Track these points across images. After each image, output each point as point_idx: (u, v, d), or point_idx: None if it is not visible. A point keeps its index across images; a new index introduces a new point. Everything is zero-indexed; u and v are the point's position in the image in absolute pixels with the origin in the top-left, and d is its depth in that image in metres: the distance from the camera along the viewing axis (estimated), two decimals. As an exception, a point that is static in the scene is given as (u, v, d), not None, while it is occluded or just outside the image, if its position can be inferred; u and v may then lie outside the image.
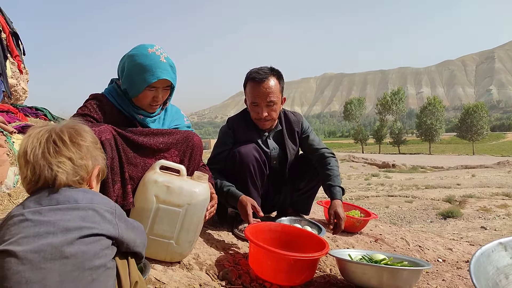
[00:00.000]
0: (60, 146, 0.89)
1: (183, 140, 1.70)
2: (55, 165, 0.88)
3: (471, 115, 56.02)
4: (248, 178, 2.08)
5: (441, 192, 10.80)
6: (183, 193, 1.50)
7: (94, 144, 0.99)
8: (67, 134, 0.92)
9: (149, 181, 1.50)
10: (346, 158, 28.52)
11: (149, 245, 1.50)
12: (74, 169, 0.91)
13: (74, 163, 0.91)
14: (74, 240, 0.80)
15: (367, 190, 12.28)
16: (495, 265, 1.25)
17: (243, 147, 2.09)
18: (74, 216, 0.84)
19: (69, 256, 0.78)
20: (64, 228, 0.80)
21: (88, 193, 0.93)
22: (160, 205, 1.49)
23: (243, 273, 1.67)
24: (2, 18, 4.62)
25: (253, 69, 2.16)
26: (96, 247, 0.83)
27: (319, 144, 2.37)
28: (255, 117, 2.16)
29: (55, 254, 0.77)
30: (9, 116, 4.02)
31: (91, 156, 0.96)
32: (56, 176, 0.87)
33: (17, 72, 5.32)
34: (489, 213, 7.66)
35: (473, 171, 19.36)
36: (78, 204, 0.87)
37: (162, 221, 1.50)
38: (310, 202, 2.54)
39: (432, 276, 1.94)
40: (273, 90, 2.07)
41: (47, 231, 0.79)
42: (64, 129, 0.94)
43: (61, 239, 0.79)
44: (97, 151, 1.00)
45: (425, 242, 2.63)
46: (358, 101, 71.08)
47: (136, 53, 1.58)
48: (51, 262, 0.76)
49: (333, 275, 1.83)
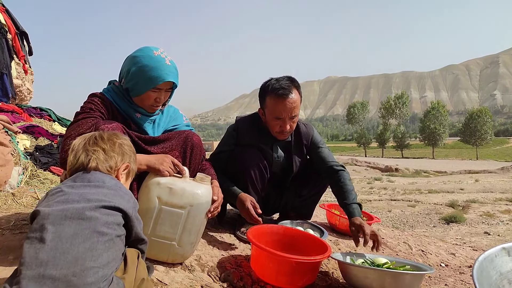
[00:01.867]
0: (98, 140, 1.15)
1: (183, 141, 1.71)
2: (90, 152, 1.12)
3: (475, 120, 55.75)
4: (249, 182, 2.08)
5: (444, 197, 10.76)
6: (185, 194, 1.51)
7: (128, 147, 1.24)
8: (106, 133, 1.19)
9: (152, 183, 1.51)
10: (348, 162, 28.45)
11: (151, 247, 1.50)
12: (105, 158, 1.13)
13: (106, 153, 1.14)
14: (93, 208, 0.97)
15: (369, 194, 12.25)
16: (498, 270, 1.24)
17: (245, 152, 2.09)
18: (98, 192, 1.03)
19: (85, 218, 0.95)
20: (87, 199, 0.99)
21: (115, 180, 1.13)
22: (163, 206, 1.49)
23: (244, 275, 1.67)
24: (8, 19, 4.67)
25: (271, 80, 2.09)
26: (109, 218, 0.99)
27: (327, 157, 2.30)
28: (277, 130, 2.11)
29: (74, 214, 0.94)
30: (13, 116, 4.05)
31: (122, 153, 1.19)
32: (89, 160, 1.11)
33: (22, 72, 5.36)
34: (492, 219, 7.62)
35: (476, 176, 19.27)
36: (104, 184, 1.07)
37: (164, 222, 1.50)
38: (312, 208, 2.53)
39: (435, 281, 1.93)
40: (297, 104, 2.04)
41: (73, 199, 0.98)
42: (106, 132, 1.21)
43: (83, 205, 0.97)
44: (129, 153, 1.23)
45: (427, 246, 2.62)
46: (362, 105, 70.85)
47: (142, 55, 1.61)
48: (70, 220, 0.93)
49: (335, 278, 1.83)
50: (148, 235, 1.49)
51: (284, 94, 2.00)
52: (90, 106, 1.59)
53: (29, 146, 3.56)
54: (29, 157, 3.23)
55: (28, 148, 3.52)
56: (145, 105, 1.68)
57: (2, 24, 4.45)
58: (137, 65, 1.60)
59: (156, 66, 1.59)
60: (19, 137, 3.43)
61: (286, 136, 2.18)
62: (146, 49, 1.63)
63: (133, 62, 1.61)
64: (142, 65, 1.59)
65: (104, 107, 1.62)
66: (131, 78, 1.62)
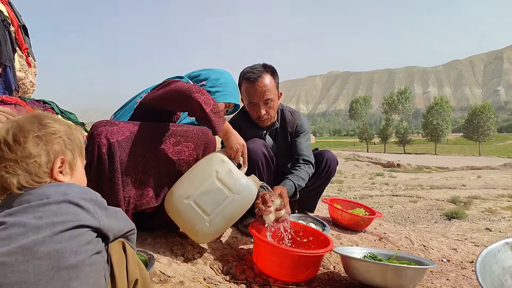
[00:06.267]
0: (3, 149, 0.85)
1: (199, 133, 1.73)
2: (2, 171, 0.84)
3: (478, 116, 55.44)
4: (257, 173, 2.08)
5: (446, 193, 10.75)
6: (239, 182, 1.60)
7: (52, 132, 0.90)
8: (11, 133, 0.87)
9: (217, 157, 1.63)
10: (350, 157, 28.43)
11: (186, 211, 1.55)
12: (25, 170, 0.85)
13: (20, 163, 0.85)
14: (46, 239, 0.75)
15: (371, 189, 12.25)
16: (501, 264, 1.24)
17: (252, 143, 2.09)
18: (46, 212, 0.80)
19: (42, 256, 0.74)
20: (35, 227, 0.76)
21: (60, 186, 0.88)
22: (216, 180, 1.57)
23: (247, 268, 1.68)
24: (11, 11, 4.66)
25: (246, 68, 2.13)
26: (73, 243, 0.78)
27: (302, 150, 2.24)
28: (254, 116, 2.16)
29: (27, 255, 0.73)
30: (17, 108, 4.06)
31: (46, 149, 0.88)
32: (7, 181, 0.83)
33: (25, 65, 5.36)
34: (494, 215, 7.61)
35: (478, 172, 19.24)
36: (49, 199, 0.82)
37: (209, 194, 1.57)
38: (316, 200, 2.53)
39: (437, 276, 1.93)
40: (269, 88, 2.05)
41: (17, 233, 0.75)
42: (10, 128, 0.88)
43: (32, 239, 0.75)
44: (57, 139, 0.91)
45: (429, 241, 2.62)
46: (364, 100, 70.56)
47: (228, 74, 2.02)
48: (24, 264, 0.73)
49: (337, 272, 1.84)
50: (190, 198, 1.55)
51: (253, 78, 2.04)
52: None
53: (32, 139, 3.57)
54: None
55: (31, 140, 3.53)
56: None
57: (5, 16, 4.44)
58: (226, 79, 1.97)
59: (236, 89, 2.04)
60: (22, 129, 3.44)
61: (266, 122, 2.18)
62: (228, 72, 2.03)
63: (222, 75, 1.97)
64: (229, 81, 1.99)
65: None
66: (216, 85, 1.92)
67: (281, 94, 2.24)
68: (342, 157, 27.42)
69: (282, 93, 2.25)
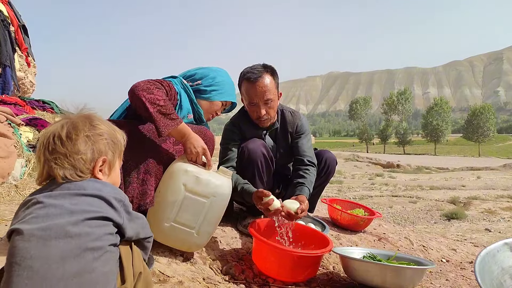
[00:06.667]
0: (56, 143, 0.95)
1: (197, 132, 1.72)
2: (51, 162, 0.94)
3: (478, 117, 55.46)
4: (256, 173, 2.08)
5: (446, 193, 10.75)
6: (210, 185, 1.55)
7: (100, 134, 1.01)
8: (65, 129, 0.97)
9: (179, 170, 1.54)
10: (350, 158, 28.43)
11: (170, 233, 1.53)
12: (71, 164, 0.95)
13: (69, 157, 0.95)
14: (79, 222, 0.85)
15: (371, 189, 12.25)
16: (500, 265, 1.24)
17: (251, 143, 2.09)
18: (81, 201, 0.90)
19: (73, 235, 0.83)
20: (70, 211, 0.86)
21: (97, 183, 0.98)
22: (187, 194, 1.53)
23: (246, 268, 1.68)
24: (11, 11, 4.66)
25: (246, 68, 2.13)
26: (101, 230, 0.88)
27: (305, 151, 2.24)
28: (254, 116, 2.14)
29: (59, 232, 0.82)
30: (16, 108, 4.06)
31: (92, 148, 0.98)
32: (54, 171, 0.94)
33: (25, 65, 5.36)
34: (493, 215, 7.61)
35: (478, 173, 19.24)
36: (85, 191, 0.93)
37: (187, 209, 1.53)
38: (315, 200, 2.53)
39: (436, 276, 1.93)
40: (269, 88, 2.05)
41: (54, 213, 0.86)
42: (65, 125, 0.98)
43: (67, 220, 0.85)
44: (103, 141, 1.01)
45: (429, 242, 2.62)
46: (364, 100, 70.56)
47: (225, 72, 1.98)
48: (55, 240, 0.82)
49: (336, 272, 1.84)
50: (169, 220, 1.52)
51: (253, 78, 2.03)
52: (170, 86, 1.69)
53: (32, 139, 3.57)
54: (32, 150, 3.24)
55: (31, 140, 3.53)
56: (207, 111, 1.92)
57: (5, 16, 4.44)
58: (222, 78, 1.93)
59: (233, 87, 2.00)
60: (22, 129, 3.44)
61: (265, 123, 2.17)
62: (225, 70, 2.00)
63: (218, 73, 1.92)
64: (225, 80, 1.95)
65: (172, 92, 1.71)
66: (212, 84, 1.88)
67: (281, 94, 2.24)
68: (341, 158, 27.41)
69: (282, 93, 2.25)
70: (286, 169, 2.40)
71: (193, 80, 1.89)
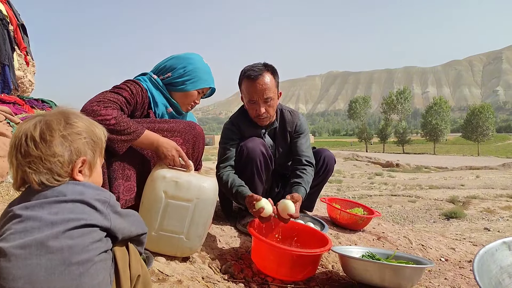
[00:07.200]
0: (29, 146, 0.86)
1: (187, 128, 1.71)
2: (25, 166, 0.86)
3: (477, 116, 55.52)
4: (255, 171, 2.08)
5: (445, 193, 10.76)
6: (191, 188, 1.51)
7: (78, 132, 0.92)
8: (38, 129, 0.87)
9: (158, 177, 1.50)
10: (349, 157, 28.45)
11: (160, 241, 1.51)
12: (47, 168, 0.86)
13: (44, 160, 0.86)
14: (60, 234, 0.78)
15: (370, 189, 12.26)
16: (499, 264, 1.25)
17: (251, 142, 2.09)
18: (62, 209, 0.83)
19: (55, 251, 0.77)
20: (50, 222, 0.79)
21: (78, 185, 0.90)
22: (169, 200, 1.49)
23: (245, 267, 1.68)
24: (10, 10, 4.65)
25: (246, 66, 2.13)
26: (85, 240, 0.81)
27: (303, 151, 2.25)
28: (253, 114, 2.14)
29: (40, 249, 0.76)
30: (15, 107, 4.05)
31: (69, 148, 0.90)
32: (28, 177, 0.86)
33: (24, 64, 5.35)
34: (492, 215, 7.62)
35: (477, 172, 19.26)
36: (65, 197, 0.85)
37: (171, 216, 1.50)
38: (314, 199, 2.54)
39: (435, 275, 1.94)
40: (269, 86, 2.05)
41: (33, 226, 0.78)
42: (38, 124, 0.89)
43: (46, 234, 0.78)
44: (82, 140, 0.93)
45: (428, 241, 2.63)
46: (363, 100, 70.54)
47: (195, 58, 1.86)
48: (37, 258, 0.75)
49: (335, 271, 1.84)
50: (156, 229, 1.49)
51: (254, 76, 2.03)
52: (131, 88, 1.61)
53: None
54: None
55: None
56: (183, 103, 1.85)
57: (4, 15, 4.43)
58: (193, 65, 1.82)
59: (207, 71, 1.88)
60: (21, 128, 3.43)
61: (265, 121, 2.17)
62: (197, 55, 1.88)
63: (188, 61, 1.82)
64: (197, 66, 1.83)
65: (137, 97, 1.63)
66: (183, 74, 1.79)
67: (281, 93, 2.24)
68: (341, 157, 27.43)
69: (281, 93, 2.25)
70: (285, 168, 2.40)
71: (163, 72, 1.82)
